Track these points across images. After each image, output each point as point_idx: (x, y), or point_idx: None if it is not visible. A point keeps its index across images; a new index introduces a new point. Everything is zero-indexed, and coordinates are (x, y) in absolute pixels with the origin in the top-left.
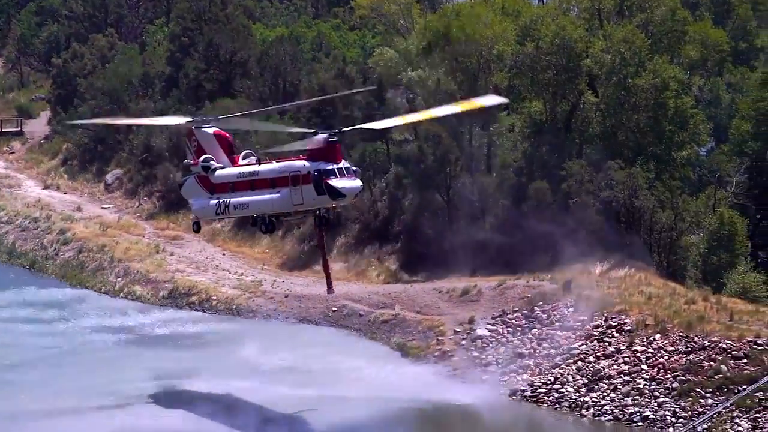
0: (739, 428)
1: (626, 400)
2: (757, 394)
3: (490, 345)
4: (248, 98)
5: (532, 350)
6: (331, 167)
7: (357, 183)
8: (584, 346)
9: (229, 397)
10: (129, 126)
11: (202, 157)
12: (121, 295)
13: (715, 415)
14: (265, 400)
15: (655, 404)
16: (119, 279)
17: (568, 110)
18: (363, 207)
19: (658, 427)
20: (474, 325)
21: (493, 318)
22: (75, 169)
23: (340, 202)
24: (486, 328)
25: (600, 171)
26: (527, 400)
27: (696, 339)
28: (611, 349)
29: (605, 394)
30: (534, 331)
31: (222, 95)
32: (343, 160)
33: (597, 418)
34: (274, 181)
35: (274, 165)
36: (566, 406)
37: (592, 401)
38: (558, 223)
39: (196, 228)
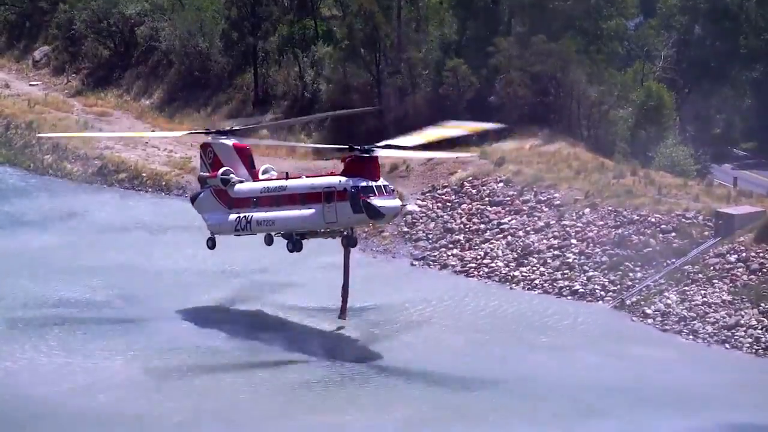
0: (668, 301)
1: (556, 275)
2: (685, 267)
3: (420, 220)
4: None
5: (461, 225)
6: (369, 184)
7: (397, 202)
8: (514, 221)
9: None
10: (55, 3)
11: (221, 170)
12: (50, 172)
13: (644, 289)
14: None
15: (585, 278)
16: (48, 156)
17: None
18: (291, 83)
19: (587, 301)
20: (404, 201)
21: (422, 194)
22: (2, 46)
23: (377, 222)
24: (416, 204)
25: (528, 46)
26: (457, 274)
27: (625, 213)
28: (541, 223)
29: (535, 268)
30: (464, 206)
31: None
32: (381, 178)
33: (527, 292)
34: (304, 196)
35: (305, 180)
36: (496, 281)
37: (522, 275)
38: (487, 99)
39: (211, 245)
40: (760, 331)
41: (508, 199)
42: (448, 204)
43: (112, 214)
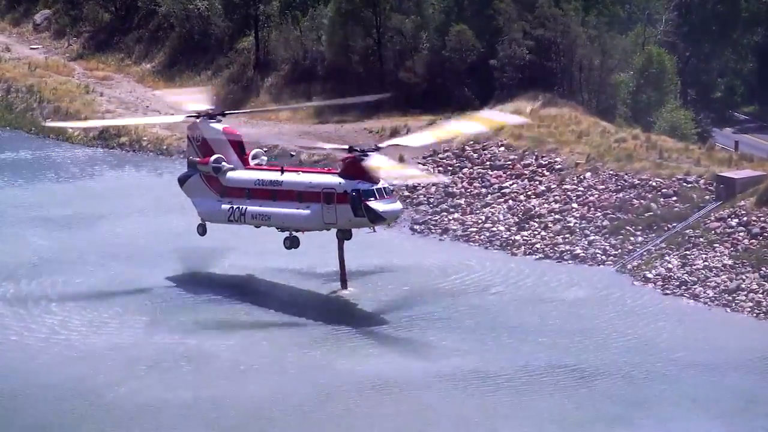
0: (669, 265)
1: (557, 239)
2: (686, 231)
3: (421, 185)
4: None
5: (463, 189)
6: (371, 188)
7: (398, 205)
8: (515, 185)
9: None
10: None
11: (213, 157)
12: (51, 135)
13: (645, 253)
14: None
15: (586, 242)
16: (48, 119)
17: None
18: (292, 47)
19: (588, 265)
20: (405, 165)
21: (423, 158)
22: (2, 9)
23: (377, 225)
24: (417, 168)
25: (530, 9)
26: (458, 238)
27: (626, 177)
28: (542, 188)
29: (536, 232)
30: (465, 170)
31: None
32: (381, 180)
33: (528, 256)
34: (301, 194)
35: (302, 177)
36: (497, 245)
37: (523, 240)
38: (487, 63)
39: (202, 231)
40: (761, 295)
41: (510, 163)
42: (449, 168)
43: None
